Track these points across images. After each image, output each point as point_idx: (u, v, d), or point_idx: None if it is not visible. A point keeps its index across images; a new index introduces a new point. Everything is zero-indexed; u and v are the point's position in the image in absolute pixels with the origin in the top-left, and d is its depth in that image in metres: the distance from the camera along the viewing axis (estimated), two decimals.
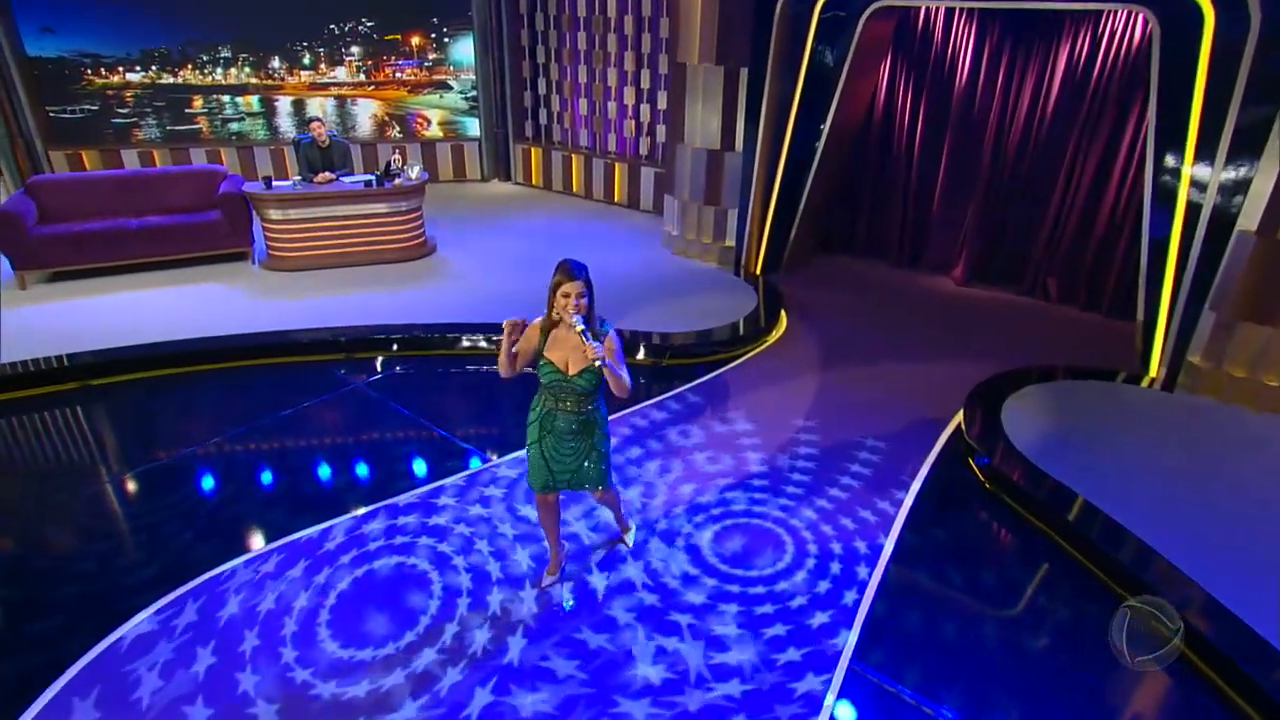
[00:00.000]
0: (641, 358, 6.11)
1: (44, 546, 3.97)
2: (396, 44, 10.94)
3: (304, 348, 6.05)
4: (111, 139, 10.57)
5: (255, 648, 3.26)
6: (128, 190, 7.75)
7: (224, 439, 4.91)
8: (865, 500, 4.41)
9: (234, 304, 6.84)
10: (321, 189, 7.64)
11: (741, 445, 4.94)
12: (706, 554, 3.94)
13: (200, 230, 7.60)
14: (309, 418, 5.18)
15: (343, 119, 11.26)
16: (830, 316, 7.03)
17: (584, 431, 3.25)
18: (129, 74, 10.42)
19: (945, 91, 7.57)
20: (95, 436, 5.20)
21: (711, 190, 7.83)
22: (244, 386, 5.67)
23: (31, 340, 5.96)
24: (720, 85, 7.33)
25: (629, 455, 4.80)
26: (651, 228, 9.13)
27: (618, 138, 10.21)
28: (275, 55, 10.77)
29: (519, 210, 10.09)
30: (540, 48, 10.58)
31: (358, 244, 7.83)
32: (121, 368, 5.72)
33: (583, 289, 2.96)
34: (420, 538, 3.98)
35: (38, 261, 7.13)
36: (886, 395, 5.60)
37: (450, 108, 11.38)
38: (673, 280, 7.56)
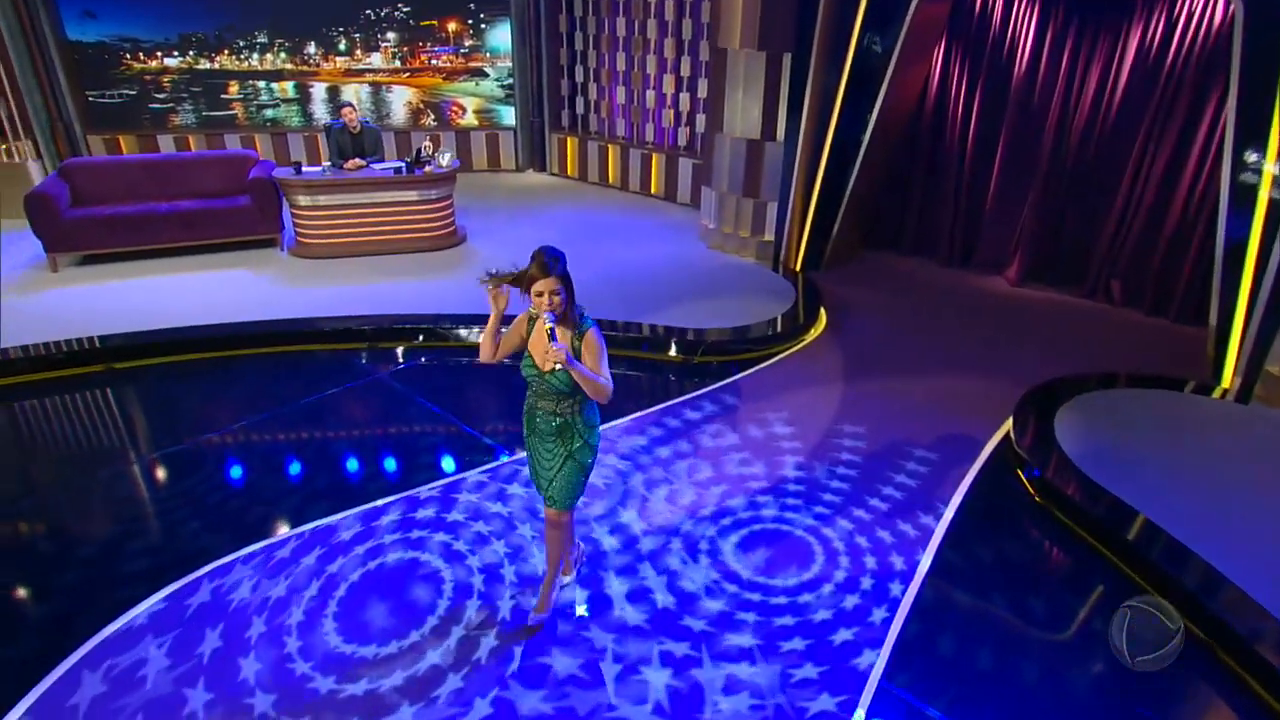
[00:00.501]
0: (674, 354, 6.00)
1: (62, 526, 4.05)
2: (433, 30, 10.99)
3: (327, 336, 6.08)
4: (148, 124, 10.81)
5: (261, 634, 3.29)
6: (159, 174, 7.89)
7: (243, 426, 4.97)
8: (903, 511, 4.24)
9: (259, 290, 6.91)
10: (351, 175, 7.68)
11: (773, 448, 4.80)
12: (729, 560, 3.81)
13: (229, 215, 7.71)
14: (329, 407, 5.22)
15: (377, 106, 11.35)
16: (873, 316, 6.83)
17: (562, 436, 3.01)
18: (167, 59, 10.65)
19: (1003, 77, 7.30)
20: (116, 420, 5.31)
21: (751, 182, 7.68)
22: (265, 373, 5.73)
23: (59, 322, 6.09)
24: (762, 72, 7.18)
25: (657, 454, 4.69)
26: (688, 221, 9.02)
27: (656, 128, 10.11)
28: (311, 41, 10.91)
29: (553, 201, 10.06)
30: (578, 34, 10.53)
31: (386, 232, 7.86)
32: (145, 352, 5.83)
33: (557, 285, 2.79)
34: (435, 533, 3.94)
35: (70, 244, 7.29)
36: (930, 400, 5.40)
37: (486, 95, 11.40)
38: (708, 276, 7.44)
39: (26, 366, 5.58)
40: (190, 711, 2.94)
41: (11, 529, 4.02)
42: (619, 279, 7.19)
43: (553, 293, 2.77)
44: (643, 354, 6.03)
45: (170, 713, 2.93)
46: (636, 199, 10.20)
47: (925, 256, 8.22)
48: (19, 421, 5.27)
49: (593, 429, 3.05)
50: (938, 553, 3.91)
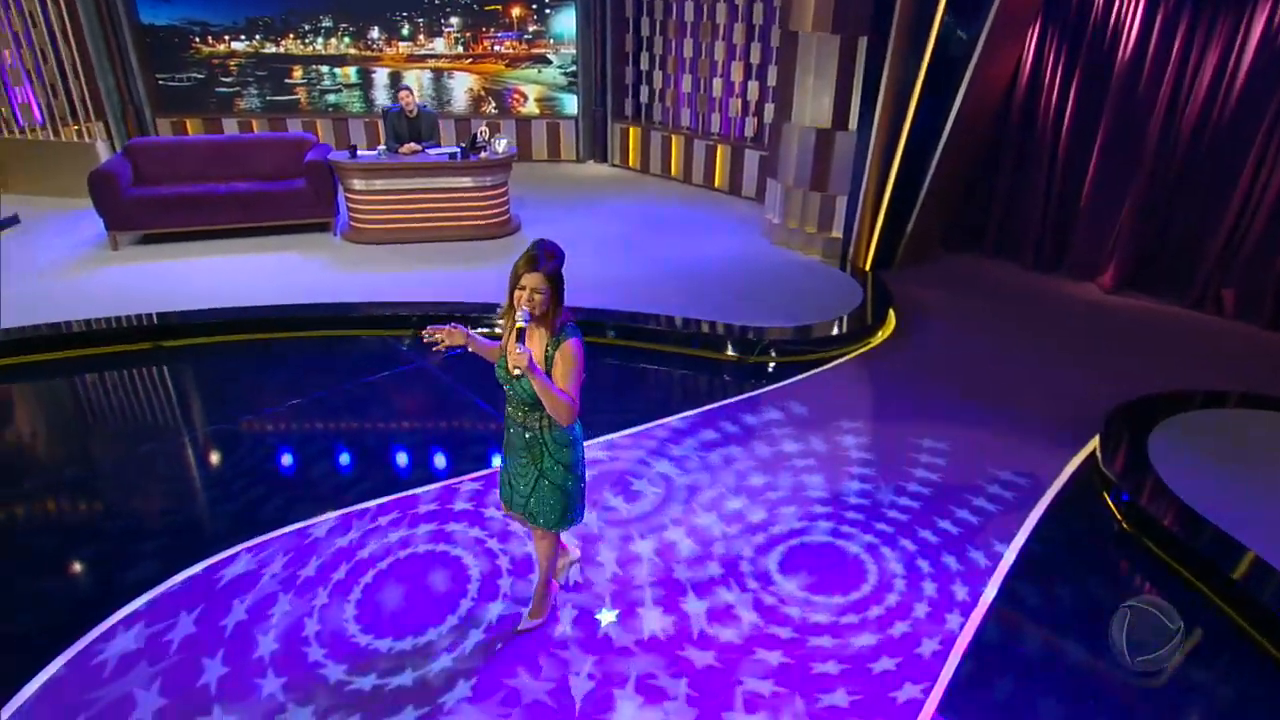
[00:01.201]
0: (730, 353, 5.85)
1: (106, 495, 4.20)
2: (496, 15, 11.10)
3: (372, 322, 6.15)
4: (214, 108, 11.22)
5: (284, 614, 3.35)
6: (219, 155, 8.15)
7: (283, 409, 5.06)
8: (971, 534, 3.99)
9: (309, 274, 7.05)
10: (406, 160, 7.77)
11: (832, 457, 4.60)
12: (771, 572, 3.65)
13: (285, 198, 7.89)
14: (372, 393, 5.28)
15: (438, 93, 11.52)
16: (948, 320, 6.54)
17: (531, 451, 2.85)
18: (234, 43, 11.03)
19: (1105, 63, 6.90)
20: (161, 397, 5.51)
21: (819, 174, 7.47)
22: (309, 358, 5.85)
23: (115, 300, 6.33)
24: (835, 56, 6.97)
25: (706, 458, 4.55)
26: (752, 216, 8.85)
27: (722, 118, 9.96)
28: (374, 25, 11.14)
29: (612, 192, 10.02)
30: (645, 19, 10.47)
31: (440, 218, 7.93)
32: (192, 331, 6.01)
33: (540, 283, 2.59)
34: (471, 527, 3.90)
35: (130, 223, 7.58)
36: (1007, 414, 5.10)
37: (548, 83, 11.45)
38: (770, 273, 7.26)
39: (79, 341, 5.80)
40: (204, 683, 3.02)
41: (58, 496, 4.18)
42: (676, 273, 7.07)
43: (534, 290, 2.59)
44: (696, 351, 5.90)
45: (186, 680, 3.03)
46: (699, 192, 10.08)
47: (1009, 259, 7.84)
48: (69, 395, 5.50)
49: (565, 447, 2.84)
50: (1006, 583, 3.65)
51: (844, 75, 7.02)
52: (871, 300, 6.71)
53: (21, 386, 5.54)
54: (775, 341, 5.87)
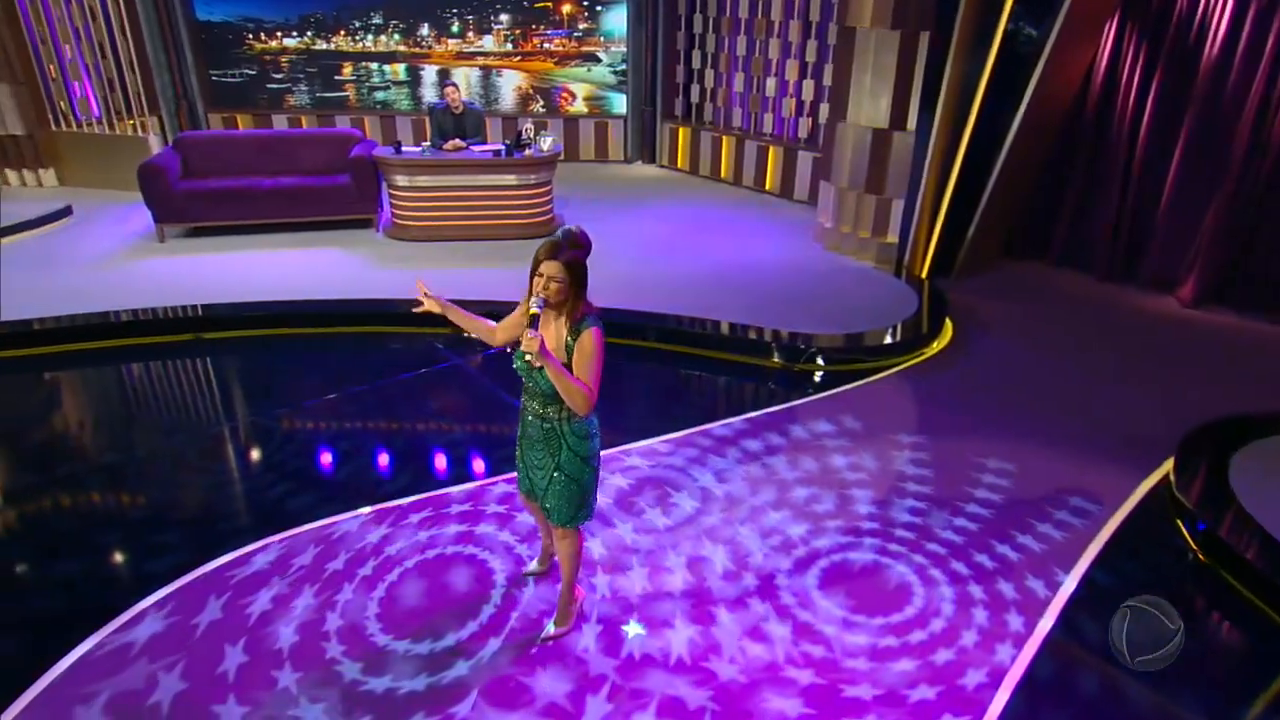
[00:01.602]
0: (775, 359, 5.73)
1: (139, 483, 4.29)
2: (546, 12, 11.16)
3: (408, 319, 6.17)
4: (265, 104, 11.51)
5: (308, 606, 3.37)
6: (266, 150, 8.32)
7: (316, 403, 5.13)
8: (1029, 562, 3.79)
9: (349, 270, 7.15)
10: (450, 156, 7.83)
11: (882, 472, 4.44)
12: (809, 588, 3.52)
13: (328, 193, 8.02)
14: (405, 391, 5.32)
15: (486, 90, 11.63)
16: (1010, 332, 6.31)
17: (548, 443, 2.85)
18: (286, 39, 11.31)
19: (1189, 63, 6.59)
20: (199, 388, 5.65)
21: (875, 176, 7.30)
22: (344, 353, 5.94)
23: (158, 291, 6.49)
24: (894, 53, 6.82)
25: (750, 469, 4.44)
26: (804, 220, 8.70)
27: (775, 118, 9.84)
28: (425, 22, 11.30)
29: (659, 193, 9.97)
30: (697, 16, 10.43)
31: (483, 216, 7.96)
32: (231, 324, 6.13)
33: (558, 272, 2.60)
34: (500, 531, 3.86)
35: (177, 215, 7.79)
36: (1072, 431, 4.88)
37: (597, 82, 11.47)
38: (821, 278, 7.12)
39: (120, 331, 5.96)
40: (223, 670, 3.05)
41: (95, 482, 4.29)
42: (721, 277, 6.99)
43: (551, 278, 2.61)
44: (740, 357, 5.80)
45: (207, 666, 3.07)
46: (749, 195, 9.98)
47: (1079, 268, 7.55)
48: (108, 384, 5.67)
49: (583, 439, 2.85)
50: (1065, 614, 3.45)
51: (903, 73, 6.85)
52: (927, 308, 6.52)
53: (61, 374, 5.71)
54: (824, 349, 5.73)
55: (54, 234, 8.00)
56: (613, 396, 5.20)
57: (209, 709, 2.88)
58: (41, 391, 5.56)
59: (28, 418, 5.13)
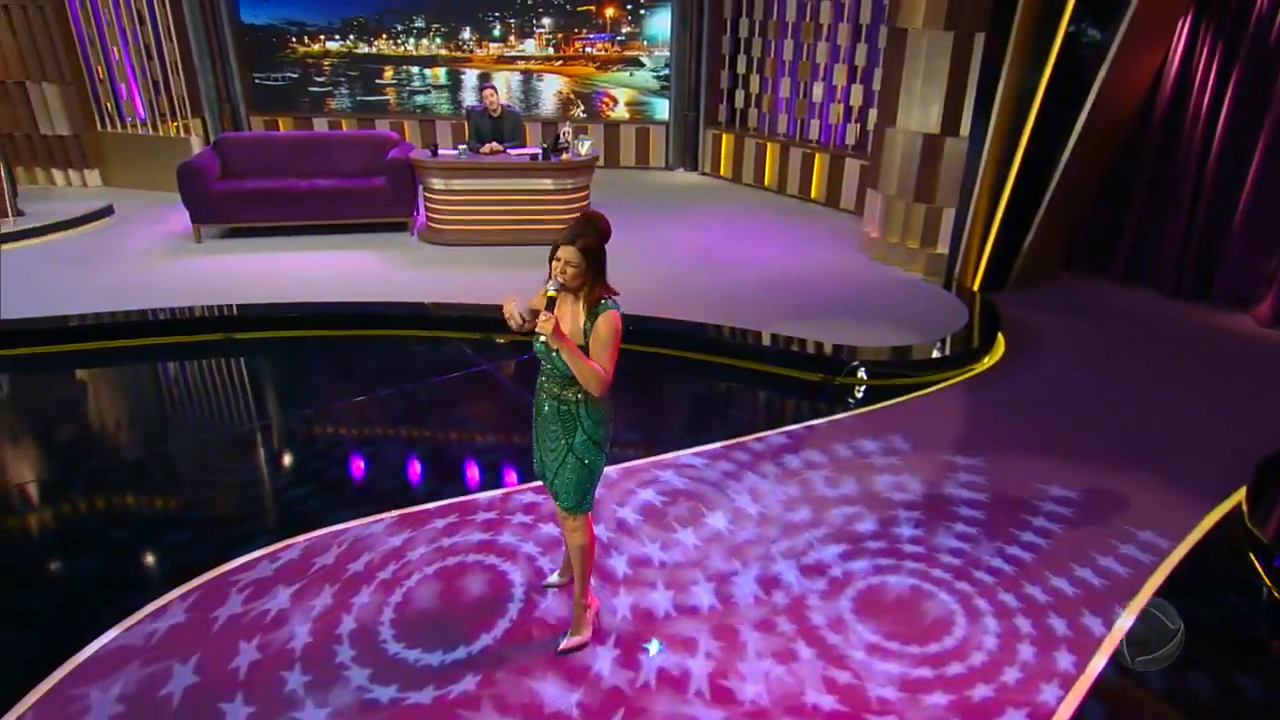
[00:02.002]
0: (812, 372, 5.62)
1: (160, 482, 4.38)
2: (589, 16, 11.23)
3: (439, 322, 6.24)
4: (306, 107, 11.76)
5: (325, 608, 3.38)
6: (304, 152, 8.48)
7: (344, 406, 5.19)
8: (1085, 593, 3.62)
9: (381, 273, 7.23)
10: (486, 159, 7.88)
11: (924, 492, 4.30)
12: (842, 611, 3.40)
13: (363, 195, 8.12)
14: (434, 395, 5.36)
15: (527, 95, 11.73)
16: (1067, 349, 6.10)
17: (564, 424, 2.93)
18: (329, 43, 11.55)
19: (1269, 66, 6.34)
20: (228, 388, 5.76)
21: (925, 184, 7.16)
22: (374, 356, 5.99)
23: (188, 292, 6.63)
24: (947, 55, 6.69)
25: (786, 486, 4.33)
26: (849, 230, 8.58)
27: (821, 125, 9.74)
28: (466, 26, 11.44)
29: (700, 201, 9.94)
30: (744, 20, 10.39)
31: (518, 221, 7.99)
32: (261, 324, 6.24)
33: (575, 256, 2.73)
34: (522, 542, 3.83)
35: (215, 216, 7.96)
36: (1134, 458, 4.67)
37: (640, 87, 11.49)
38: (866, 290, 6.99)
39: (151, 330, 6.09)
40: (235, 666, 3.08)
41: (122, 479, 4.38)
42: (759, 286, 6.91)
43: (567, 262, 2.75)
44: (776, 368, 5.70)
45: (219, 662, 3.10)
46: (794, 204, 9.88)
47: (1144, 284, 7.29)
48: (137, 382, 5.81)
49: (599, 424, 2.95)
50: (1119, 650, 3.28)
51: (956, 76, 6.72)
52: (979, 322, 6.34)
53: (90, 371, 5.86)
54: (866, 362, 5.60)
55: (95, 233, 8.24)
56: (646, 408, 5.25)
57: (216, 706, 2.90)
58: (70, 388, 5.70)
59: (57, 413, 5.26)
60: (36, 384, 5.71)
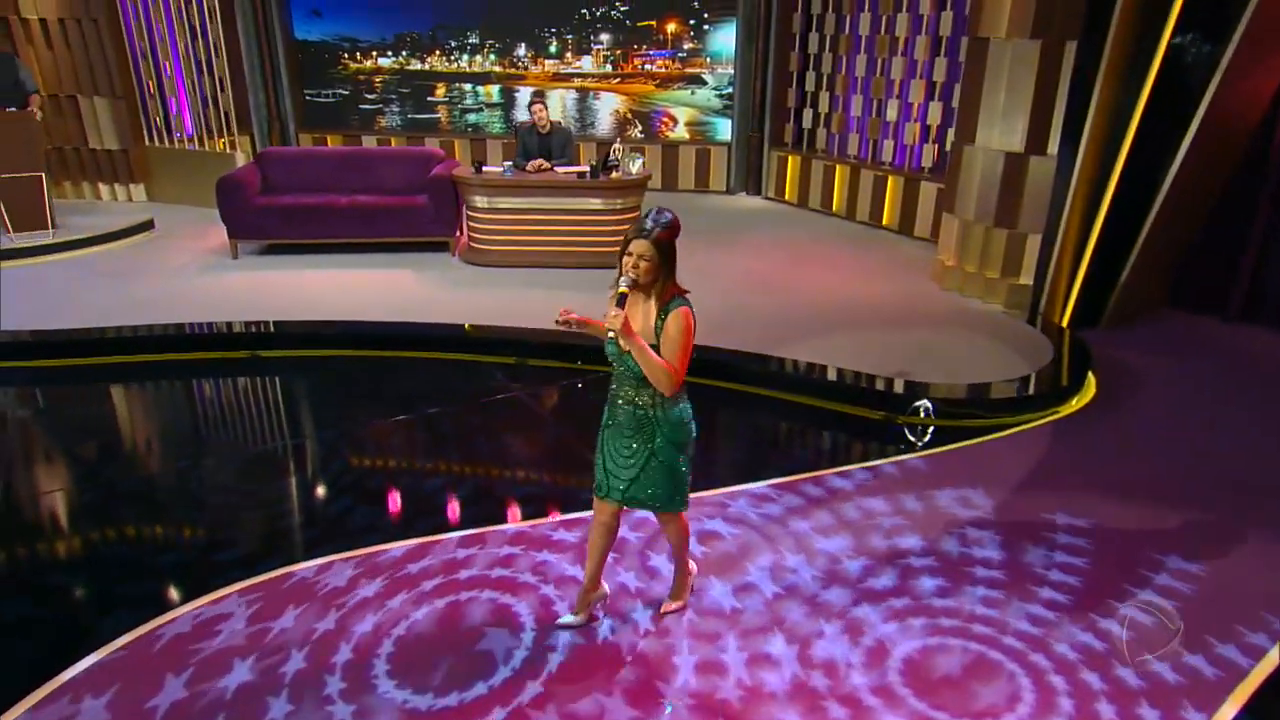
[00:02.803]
0: (871, 409, 5.37)
1: (152, 505, 4.37)
2: (649, 32, 11.30)
3: (469, 345, 6.25)
4: (356, 124, 12.09)
5: (326, 630, 3.36)
6: (346, 167, 8.66)
7: (364, 428, 5.21)
8: (1194, 683, 3.27)
9: (418, 293, 7.27)
10: (532, 177, 7.89)
11: (1003, 548, 3.99)
12: (888, 672, 3.12)
13: (405, 213, 8.21)
14: (458, 420, 5.34)
15: (582, 114, 11.82)
16: (1170, 394, 5.71)
17: (641, 431, 3.03)
18: (381, 59, 11.88)
19: None
20: (248, 406, 5.84)
21: (1006, 208, 6.88)
22: (400, 377, 6.01)
23: (216, 308, 6.76)
24: (1034, 65, 6.45)
25: (833, 538, 4.08)
26: (923, 258, 8.31)
27: (896, 145, 9.52)
28: (522, 42, 11.63)
29: (761, 226, 9.82)
30: (813, 34, 10.31)
31: (564, 242, 7.97)
32: (287, 342, 6.34)
33: (649, 250, 2.82)
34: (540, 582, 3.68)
35: (252, 231, 8.15)
36: (1249, 521, 4.27)
37: (701, 106, 11.48)
38: (938, 322, 6.72)
39: (182, 345, 6.22)
40: (224, 685, 3.05)
41: (113, 503, 4.38)
42: (820, 316, 6.72)
43: (640, 256, 2.83)
44: (833, 404, 5.47)
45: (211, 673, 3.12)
46: (863, 230, 9.67)
47: (1263, 324, 6.81)
48: (159, 397, 5.93)
49: (679, 426, 3.05)
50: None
51: (1044, 89, 6.46)
52: (1067, 361, 6.00)
53: (113, 385, 5.97)
54: (936, 399, 5.32)
55: (133, 247, 8.52)
56: None
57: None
58: (85, 403, 5.80)
59: (66, 427, 5.36)
60: (52, 397, 5.83)
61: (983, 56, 6.83)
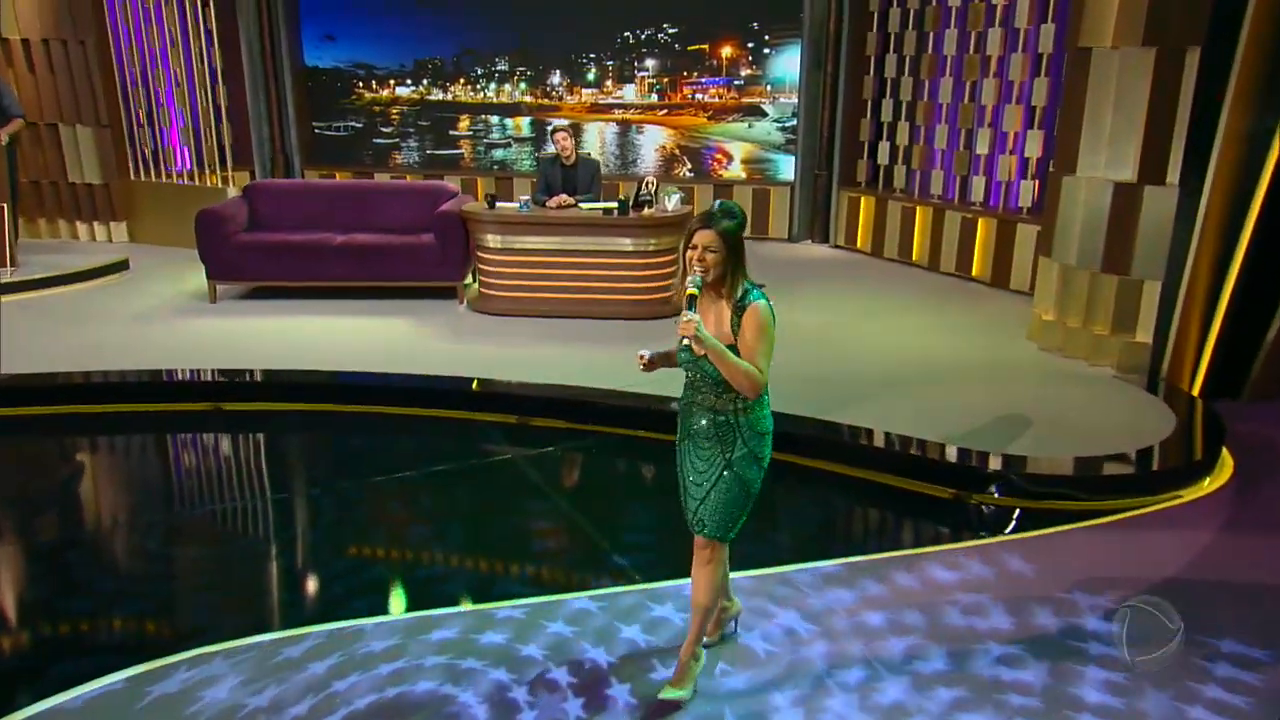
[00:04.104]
0: (941, 486, 5.07)
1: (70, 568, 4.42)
2: (701, 56, 11.39)
3: (454, 398, 6.24)
4: (370, 160, 12.38)
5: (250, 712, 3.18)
6: (344, 202, 8.80)
7: (327, 491, 5.31)
8: None
9: (412, 344, 7.26)
10: (554, 214, 7.86)
11: (1100, 671, 3.61)
12: None
13: (406, 253, 8.22)
14: (435, 483, 5.37)
15: (623, 150, 11.91)
16: None
17: (721, 439, 3.12)
18: (399, 88, 12.22)
19: None
20: (201, 464, 5.95)
21: (1117, 249, 6.58)
22: (375, 435, 6.08)
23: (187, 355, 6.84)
24: (1147, 78, 6.23)
25: (902, 640, 3.74)
26: (1019, 313, 8.00)
27: (989, 183, 9.30)
28: (556, 69, 11.83)
29: (826, 276, 9.71)
30: (891, 55, 10.25)
31: (589, 289, 7.88)
32: (255, 394, 6.35)
33: (715, 241, 2.93)
34: (493, 668, 3.49)
35: (234, 271, 8.26)
36: None
37: (760, 140, 11.47)
38: (1032, 387, 6.43)
39: (135, 393, 6.25)
40: None
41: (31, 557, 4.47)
42: (887, 377, 6.51)
43: (706, 248, 2.93)
44: (889, 477, 5.19)
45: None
46: (949, 282, 9.42)
47: None
48: (107, 450, 6.07)
49: (761, 436, 3.14)
50: None
51: (1160, 106, 6.21)
52: (1201, 434, 5.67)
53: (52, 437, 6.05)
54: (1024, 477, 5.02)
55: (102, 289, 8.75)
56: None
57: None
58: (24, 451, 5.84)
59: None
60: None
61: (1085, 69, 6.63)
